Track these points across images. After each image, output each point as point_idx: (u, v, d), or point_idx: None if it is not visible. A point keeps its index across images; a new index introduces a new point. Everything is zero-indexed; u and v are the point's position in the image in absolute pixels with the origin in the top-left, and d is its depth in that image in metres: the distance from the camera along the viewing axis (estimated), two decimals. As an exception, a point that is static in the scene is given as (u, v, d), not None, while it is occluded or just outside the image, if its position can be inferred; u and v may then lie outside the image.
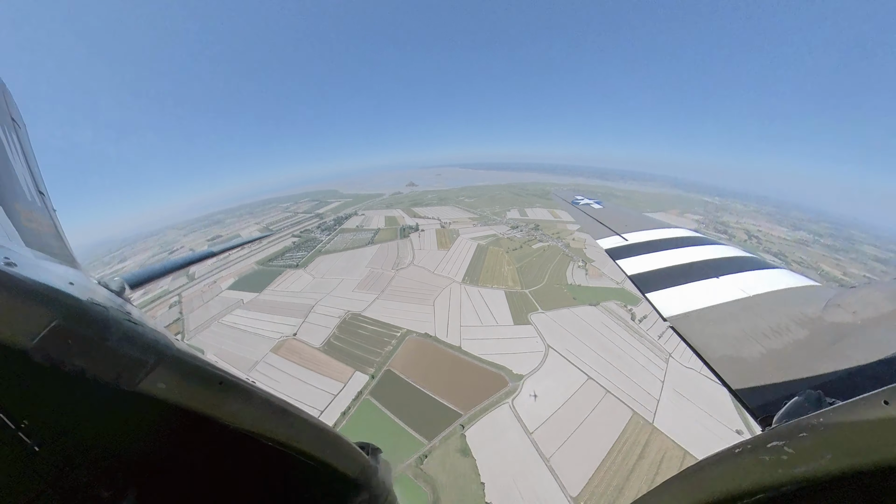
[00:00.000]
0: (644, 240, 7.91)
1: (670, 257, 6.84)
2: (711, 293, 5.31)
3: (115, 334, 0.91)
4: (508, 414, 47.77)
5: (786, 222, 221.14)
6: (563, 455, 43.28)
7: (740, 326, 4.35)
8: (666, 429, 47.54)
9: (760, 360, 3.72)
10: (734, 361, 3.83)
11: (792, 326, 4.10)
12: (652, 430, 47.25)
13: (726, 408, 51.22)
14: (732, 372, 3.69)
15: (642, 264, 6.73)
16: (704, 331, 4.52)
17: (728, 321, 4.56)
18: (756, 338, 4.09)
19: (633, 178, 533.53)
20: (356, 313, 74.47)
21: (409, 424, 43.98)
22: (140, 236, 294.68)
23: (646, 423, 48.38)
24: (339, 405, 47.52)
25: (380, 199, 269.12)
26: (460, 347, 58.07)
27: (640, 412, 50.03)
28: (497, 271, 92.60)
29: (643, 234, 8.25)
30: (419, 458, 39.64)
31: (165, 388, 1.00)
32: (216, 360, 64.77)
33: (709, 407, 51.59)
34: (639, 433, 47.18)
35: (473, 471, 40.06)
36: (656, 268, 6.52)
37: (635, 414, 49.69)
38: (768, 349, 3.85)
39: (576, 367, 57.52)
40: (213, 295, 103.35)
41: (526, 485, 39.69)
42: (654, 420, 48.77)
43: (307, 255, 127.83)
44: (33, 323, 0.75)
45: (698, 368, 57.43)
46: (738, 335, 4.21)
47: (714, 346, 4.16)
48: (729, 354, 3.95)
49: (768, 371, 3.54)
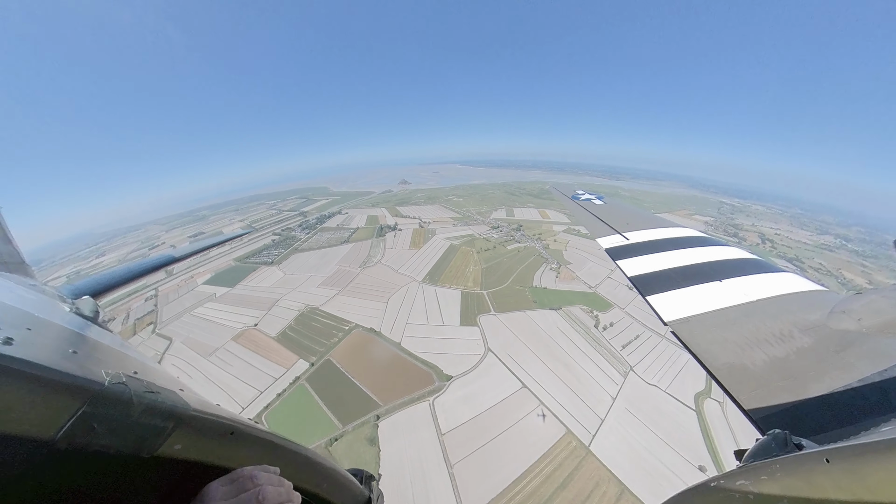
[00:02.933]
0: (646, 239, 8.13)
1: (673, 258, 6.95)
2: (714, 297, 5.50)
3: (137, 409, 0.95)
4: (426, 412, 50.31)
5: (811, 226, 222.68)
6: (470, 465, 42.44)
7: (743, 332, 4.45)
8: (604, 455, 43.61)
9: (763, 369, 3.78)
10: (736, 369, 3.87)
11: (795, 333, 4.19)
12: (586, 454, 43.92)
13: (692, 437, 46.84)
14: (734, 380, 3.72)
15: (643, 265, 6.87)
16: (706, 336, 4.58)
17: (730, 327, 4.64)
18: (759, 344, 4.16)
19: (647, 177, 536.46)
20: (315, 307, 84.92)
21: (331, 409, 51.06)
22: (119, 231, 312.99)
23: (579, 446, 44.93)
24: (277, 387, 57.13)
25: (368, 197, 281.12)
26: (399, 344, 65.75)
27: (576, 431, 46.93)
28: (460, 271, 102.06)
29: (646, 234, 8.50)
30: (330, 440, 45.82)
31: (181, 448, 1.07)
32: (219, 402, 75.86)
33: (669, 434, 47.18)
34: (568, 456, 43.79)
35: (374, 461, 43.05)
36: (658, 269, 6.67)
37: (569, 433, 46.80)
38: (771, 357, 3.92)
39: (512, 372, 58.51)
40: (189, 289, 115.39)
41: (421, 487, 40.20)
42: (592, 443, 45.31)
43: (283, 253, 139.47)
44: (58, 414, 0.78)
45: (663, 387, 56.66)
46: (741, 341, 4.29)
47: (715, 352, 4.22)
48: (731, 362, 3.99)
49: (772, 380, 3.58)
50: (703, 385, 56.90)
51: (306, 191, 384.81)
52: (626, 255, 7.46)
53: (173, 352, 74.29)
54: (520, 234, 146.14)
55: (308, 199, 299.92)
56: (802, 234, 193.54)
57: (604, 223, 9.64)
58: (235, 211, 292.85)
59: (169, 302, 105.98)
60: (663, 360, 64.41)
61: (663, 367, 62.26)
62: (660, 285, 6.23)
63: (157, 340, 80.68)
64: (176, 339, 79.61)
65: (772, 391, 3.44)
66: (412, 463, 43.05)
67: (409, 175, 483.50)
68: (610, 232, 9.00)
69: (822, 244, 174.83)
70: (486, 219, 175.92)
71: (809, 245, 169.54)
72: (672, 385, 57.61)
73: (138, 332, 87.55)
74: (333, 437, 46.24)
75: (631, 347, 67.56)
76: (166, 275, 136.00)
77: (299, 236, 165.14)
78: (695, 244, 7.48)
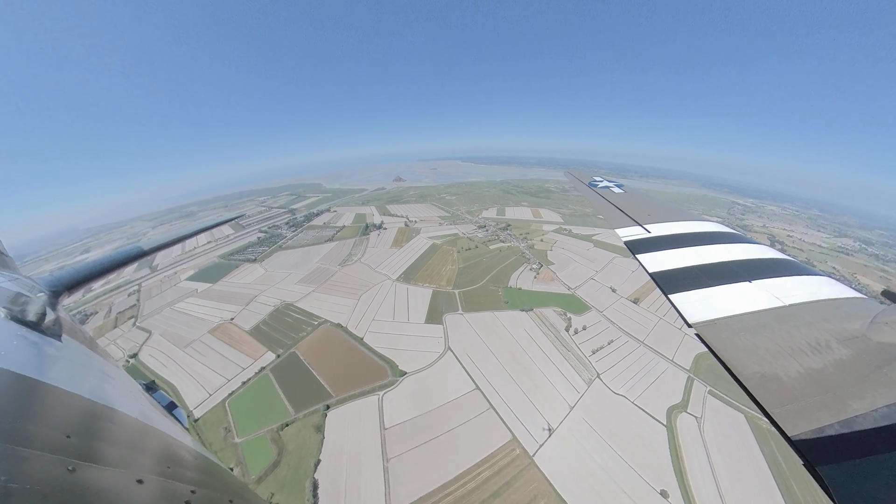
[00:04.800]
0: (670, 233, 8.20)
1: (698, 254, 6.96)
2: (743, 299, 5.45)
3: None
4: (374, 405, 54.02)
5: (829, 228, 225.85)
6: (407, 461, 44.00)
7: (775, 340, 4.36)
8: (549, 468, 42.45)
9: (798, 381, 3.67)
10: (768, 380, 3.78)
11: (833, 344, 4.08)
12: (528, 464, 43.10)
13: (658, 455, 44.54)
14: (766, 392, 3.61)
15: (666, 261, 6.94)
16: (734, 342, 4.50)
17: (761, 332, 4.57)
18: (792, 354, 4.06)
19: (658, 175, 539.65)
20: (290, 303, 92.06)
21: (288, 397, 57.74)
22: (105, 227, 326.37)
23: (523, 454, 44.36)
24: (243, 376, 64.22)
25: (360, 195, 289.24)
26: (362, 339, 72.27)
27: (523, 439, 46.62)
28: (436, 270, 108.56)
29: (669, 227, 8.54)
30: (281, 425, 51.98)
31: None
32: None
33: (631, 451, 45.06)
34: (508, 464, 43.20)
35: (318, 447, 47.19)
36: (682, 266, 6.74)
37: (514, 440, 46.63)
38: (806, 368, 3.81)
39: (467, 373, 60.48)
40: (172, 285, 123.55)
41: (354, 476, 42.99)
42: (537, 453, 44.42)
43: (267, 251, 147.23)
44: None
45: (632, 397, 55.80)
46: (773, 349, 4.20)
47: (745, 360, 4.14)
48: (762, 371, 3.92)
49: (807, 394, 3.46)
50: (680, 397, 56.55)
51: (299, 187, 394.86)
52: (646, 248, 7.47)
53: (152, 343, 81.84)
54: (506, 233, 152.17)
55: (299, 196, 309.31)
56: (818, 236, 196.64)
57: (623, 213, 9.43)
58: (225, 207, 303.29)
59: (151, 297, 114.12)
60: (637, 368, 63.98)
61: (636, 376, 61.51)
62: (683, 283, 6.17)
63: (136, 333, 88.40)
64: (155, 332, 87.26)
65: (807, 407, 3.34)
66: (350, 453, 46.34)
67: (408, 172, 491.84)
68: (630, 223, 8.86)
69: (838, 247, 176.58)
70: (475, 218, 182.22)
71: (824, 248, 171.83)
72: (643, 396, 56.44)
73: (119, 325, 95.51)
74: (285, 422, 52.75)
75: (602, 353, 67.41)
76: (150, 270, 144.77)
77: (285, 234, 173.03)
78: (723, 240, 7.38)
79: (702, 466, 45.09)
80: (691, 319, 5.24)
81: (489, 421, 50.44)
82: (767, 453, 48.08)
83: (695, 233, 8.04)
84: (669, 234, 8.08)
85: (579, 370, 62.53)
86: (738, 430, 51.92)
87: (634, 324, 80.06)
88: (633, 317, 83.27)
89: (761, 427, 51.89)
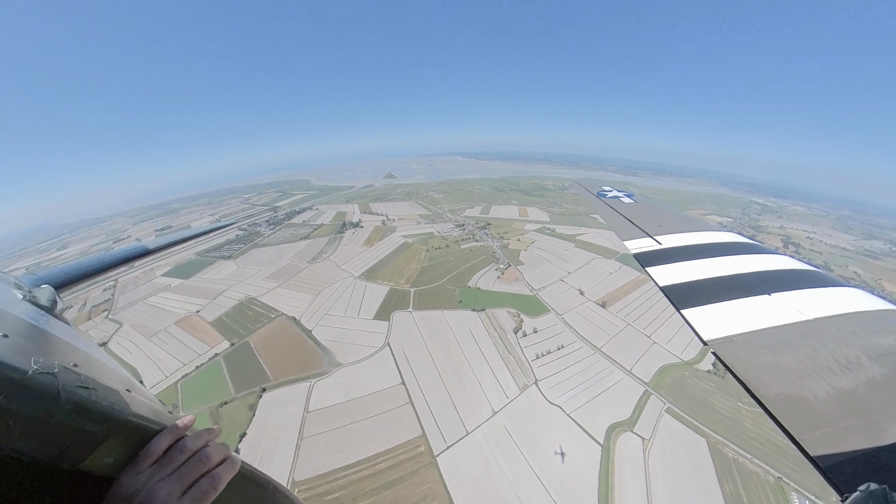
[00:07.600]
0: (682, 244, 8.42)
1: (713, 267, 7.08)
2: (762, 313, 5.45)
3: (64, 407, 0.89)
4: (304, 391, 62.28)
5: (858, 229, 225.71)
6: (317, 442, 50.85)
7: (799, 357, 4.33)
8: (449, 472, 43.46)
9: (827, 403, 3.62)
10: (794, 402, 3.72)
11: (864, 361, 4.06)
12: (428, 463, 44.57)
13: (583, 479, 43.17)
14: (793, 416, 3.54)
15: (678, 274, 7.04)
16: (755, 360, 4.47)
17: (784, 349, 4.55)
18: (820, 373, 4.01)
19: (672, 172, 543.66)
20: (253, 297, 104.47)
21: (232, 379, 69.02)
22: (84, 223, 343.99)
23: (427, 453, 46.15)
24: (198, 361, 76.17)
25: (347, 192, 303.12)
26: (311, 332, 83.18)
27: (432, 437, 48.61)
28: (399, 269, 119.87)
29: (681, 238, 8.81)
30: (221, 403, 62.53)
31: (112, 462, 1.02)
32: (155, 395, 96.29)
33: (549, 468, 44.32)
34: (409, 460, 45.20)
35: (247, 423, 56.42)
36: (695, 279, 6.82)
37: (423, 436, 48.93)
38: (836, 388, 3.76)
39: (398, 368, 66.45)
40: (147, 280, 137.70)
41: (271, 448, 51.34)
42: (442, 454, 45.74)
43: (244, 248, 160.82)
44: None
45: (569, 409, 55.62)
46: (797, 368, 4.16)
47: (767, 380, 4.10)
48: (787, 392, 3.86)
49: (839, 417, 3.42)
50: (629, 414, 55.13)
51: (286, 184, 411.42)
52: (657, 261, 7.71)
53: (121, 333, 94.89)
54: (483, 232, 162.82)
55: (285, 193, 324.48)
56: (843, 238, 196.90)
57: (633, 224, 9.80)
58: (208, 204, 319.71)
59: (126, 291, 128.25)
60: (584, 377, 64.39)
61: (580, 387, 61.68)
62: (697, 297, 6.27)
63: (108, 324, 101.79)
64: (125, 323, 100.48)
65: (839, 431, 3.30)
66: (273, 430, 54.89)
67: (402, 168, 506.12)
68: (640, 234, 9.19)
69: (865, 250, 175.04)
70: (456, 216, 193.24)
71: (849, 251, 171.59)
72: (582, 409, 55.86)
73: (93, 318, 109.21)
74: (224, 401, 64.35)
75: (547, 359, 68.63)
76: (127, 266, 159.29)
77: (263, 232, 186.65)
78: (739, 251, 7.62)
79: (636, 498, 42.10)
80: (706, 336, 5.31)
81: (404, 415, 54.75)
82: (729, 492, 43.68)
83: (709, 244, 8.31)
84: (682, 246, 8.43)
85: (516, 374, 64.26)
86: (696, 458, 48.15)
87: (596, 329, 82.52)
88: (596, 321, 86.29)
89: (725, 456, 48.41)
